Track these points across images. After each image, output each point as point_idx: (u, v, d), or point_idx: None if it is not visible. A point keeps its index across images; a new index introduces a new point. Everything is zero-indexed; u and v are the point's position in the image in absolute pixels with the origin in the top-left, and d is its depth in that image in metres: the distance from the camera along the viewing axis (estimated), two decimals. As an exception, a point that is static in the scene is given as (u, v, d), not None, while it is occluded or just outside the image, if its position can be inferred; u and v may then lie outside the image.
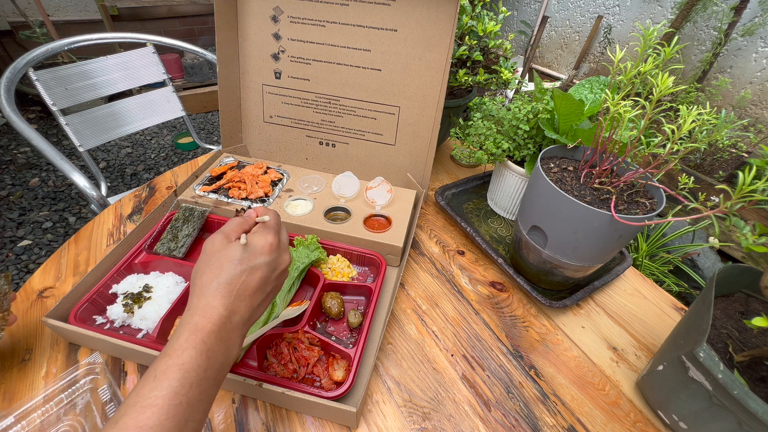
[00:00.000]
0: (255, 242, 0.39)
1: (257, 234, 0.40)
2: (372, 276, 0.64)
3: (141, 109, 1.20)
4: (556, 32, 2.89)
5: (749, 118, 1.98)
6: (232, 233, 0.40)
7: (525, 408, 0.50)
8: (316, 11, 0.69)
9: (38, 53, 0.98)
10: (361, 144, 0.77)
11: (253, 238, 0.39)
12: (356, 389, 0.48)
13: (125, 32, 1.11)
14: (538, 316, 0.62)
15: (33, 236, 1.62)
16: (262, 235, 0.40)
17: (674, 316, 0.64)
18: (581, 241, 0.52)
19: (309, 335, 0.51)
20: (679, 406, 0.45)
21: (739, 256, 1.61)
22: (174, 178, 0.84)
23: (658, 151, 0.47)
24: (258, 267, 0.38)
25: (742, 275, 0.48)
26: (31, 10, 2.30)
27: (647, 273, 1.26)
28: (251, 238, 0.39)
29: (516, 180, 0.70)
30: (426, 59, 0.68)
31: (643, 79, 0.48)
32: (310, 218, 0.67)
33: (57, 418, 0.43)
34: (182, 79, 2.67)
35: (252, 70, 0.76)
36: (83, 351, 0.51)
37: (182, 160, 2.19)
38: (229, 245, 0.38)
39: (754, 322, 0.37)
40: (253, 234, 0.40)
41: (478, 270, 0.69)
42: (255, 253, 0.38)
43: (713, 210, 0.39)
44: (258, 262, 0.38)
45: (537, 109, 0.65)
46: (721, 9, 1.92)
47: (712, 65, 2.02)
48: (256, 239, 0.39)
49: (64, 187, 1.89)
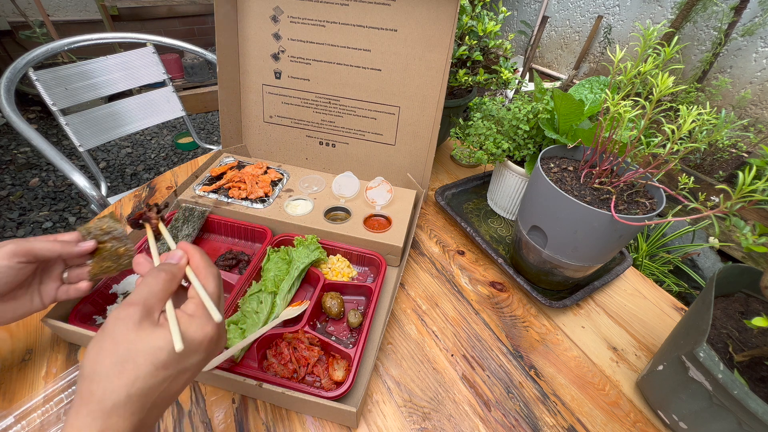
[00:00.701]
0: (190, 337, 0.28)
1: (193, 322, 0.29)
2: (372, 276, 0.64)
3: (141, 109, 1.20)
4: (556, 32, 2.89)
5: (749, 118, 1.98)
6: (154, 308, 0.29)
7: (525, 408, 0.50)
8: (316, 11, 0.69)
9: (38, 53, 0.98)
10: (361, 144, 0.77)
11: (188, 329, 0.29)
12: (356, 389, 0.48)
13: (125, 32, 1.11)
14: (538, 316, 0.62)
15: (33, 236, 1.62)
16: (201, 326, 0.29)
17: (674, 316, 0.64)
18: (581, 241, 0.52)
19: (309, 335, 0.51)
20: (679, 406, 0.45)
21: (739, 256, 1.61)
22: (174, 178, 0.84)
23: (658, 151, 0.47)
24: (188, 368, 0.29)
25: (742, 275, 0.48)
26: (31, 10, 2.30)
27: (647, 273, 1.26)
28: (185, 331, 0.28)
29: (516, 180, 0.70)
30: (426, 59, 0.68)
31: (643, 79, 0.48)
32: (310, 218, 0.67)
33: (57, 418, 0.43)
34: (182, 79, 2.67)
35: (252, 70, 0.76)
36: (83, 351, 0.51)
37: (182, 160, 2.19)
38: (150, 335, 0.27)
39: (754, 322, 0.37)
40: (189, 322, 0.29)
41: (478, 270, 0.69)
42: (187, 353, 0.28)
43: (713, 210, 0.39)
44: (189, 363, 0.28)
45: (537, 109, 0.65)
46: (721, 9, 1.92)
47: (712, 65, 2.02)
48: (191, 331, 0.29)
49: (64, 187, 1.89)
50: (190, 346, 0.28)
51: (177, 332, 0.28)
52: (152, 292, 0.29)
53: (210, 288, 0.32)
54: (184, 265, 0.33)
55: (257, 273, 0.59)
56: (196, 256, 0.34)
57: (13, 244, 0.39)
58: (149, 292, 0.29)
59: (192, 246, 0.35)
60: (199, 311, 0.30)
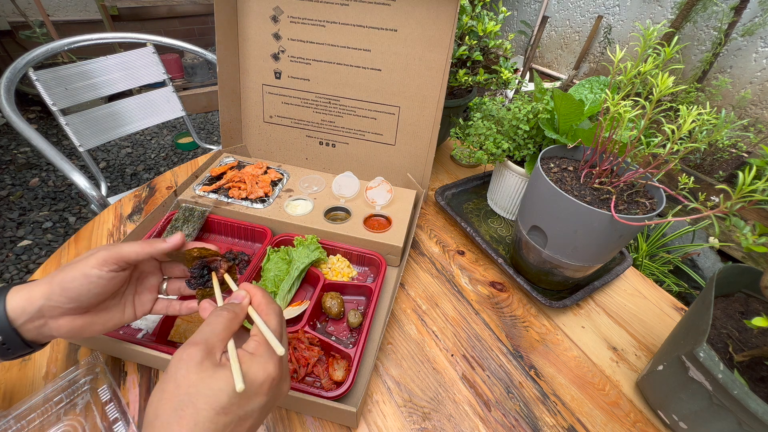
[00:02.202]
0: (252, 377, 0.27)
1: (255, 361, 0.28)
2: (372, 276, 0.64)
3: (141, 109, 1.20)
4: (556, 32, 2.89)
5: (749, 118, 1.98)
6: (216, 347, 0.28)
7: (525, 408, 0.50)
8: (316, 11, 0.69)
9: (38, 53, 0.98)
10: (361, 144, 0.77)
11: (250, 368, 0.28)
12: (356, 389, 0.48)
13: (125, 32, 1.12)
14: (538, 316, 0.62)
15: (33, 236, 1.62)
16: (262, 364, 0.28)
17: (674, 316, 0.64)
18: (581, 241, 0.52)
19: (309, 335, 0.51)
20: (679, 406, 0.45)
21: (739, 256, 1.61)
22: (174, 178, 0.84)
23: (658, 151, 0.47)
24: (250, 414, 0.27)
25: (742, 275, 0.48)
26: (31, 10, 2.30)
27: (647, 273, 1.26)
28: (247, 370, 0.27)
29: (516, 180, 0.70)
30: (426, 59, 0.68)
31: (643, 79, 0.48)
32: (310, 218, 0.67)
33: (57, 418, 0.43)
34: (182, 79, 2.67)
35: (252, 70, 0.76)
36: (83, 351, 0.51)
37: (182, 160, 2.19)
38: (211, 377, 0.26)
39: (754, 322, 0.37)
40: (251, 361, 0.28)
41: (478, 270, 0.69)
42: (249, 396, 0.27)
43: (713, 210, 0.39)
44: (250, 407, 0.27)
45: (537, 109, 0.65)
46: (721, 9, 1.92)
47: (712, 65, 2.02)
48: (253, 371, 0.28)
49: (64, 187, 1.89)
50: (252, 387, 0.27)
51: (238, 371, 0.27)
52: (214, 332, 0.29)
53: (272, 325, 0.32)
54: (246, 304, 0.33)
55: (257, 273, 0.59)
56: (258, 295, 0.34)
57: (104, 250, 0.36)
58: (211, 332, 0.29)
59: (254, 286, 0.34)
60: (260, 349, 0.29)
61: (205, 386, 0.26)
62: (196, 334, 0.29)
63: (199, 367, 0.26)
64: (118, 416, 0.44)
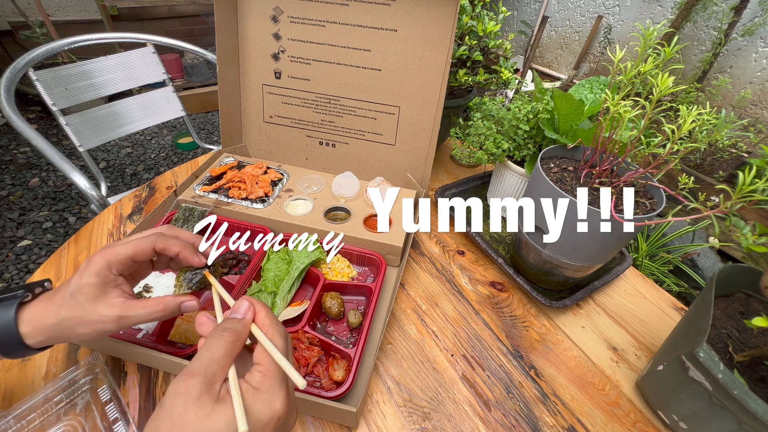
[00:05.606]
0: (256, 415, 0.25)
1: (260, 397, 0.26)
2: (372, 276, 0.64)
3: (141, 109, 1.20)
4: (556, 32, 2.89)
5: (749, 118, 1.98)
6: (216, 377, 0.25)
7: (525, 408, 0.50)
8: (316, 11, 0.69)
9: (38, 53, 0.98)
10: (361, 144, 0.77)
11: (254, 405, 0.25)
12: (356, 389, 0.48)
13: (125, 32, 1.12)
14: (538, 316, 0.62)
15: (33, 236, 1.62)
16: (268, 401, 0.26)
17: (674, 316, 0.64)
18: (581, 241, 0.52)
19: (309, 335, 0.51)
20: (679, 406, 0.45)
21: (739, 256, 1.61)
22: (174, 178, 0.84)
23: (658, 151, 0.47)
24: None
25: (742, 275, 0.48)
26: (31, 10, 2.30)
27: (647, 273, 1.26)
28: (250, 407, 0.25)
29: (516, 180, 0.70)
30: (426, 59, 0.68)
31: (643, 79, 0.48)
32: (310, 218, 0.67)
33: (57, 418, 0.43)
34: (182, 79, 2.67)
35: (252, 70, 0.76)
36: (83, 351, 0.51)
37: (182, 160, 2.19)
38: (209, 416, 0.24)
39: (754, 322, 0.37)
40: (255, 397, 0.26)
41: (478, 270, 0.69)
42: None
43: (713, 210, 0.39)
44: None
45: (537, 109, 0.65)
46: (721, 9, 1.92)
47: (712, 65, 2.02)
48: (258, 408, 0.25)
49: (64, 187, 1.89)
50: (255, 427, 0.24)
51: (241, 410, 0.24)
52: (214, 358, 0.26)
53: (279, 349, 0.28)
54: (249, 320, 0.29)
55: (257, 273, 0.59)
56: (262, 313, 0.30)
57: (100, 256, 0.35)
58: (211, 358, 0.26)
59: (256, 300, 0.31)
60: (266, 384, 0.26)
61: (203, 427, 0.23)
62: (195, 360, 0.26)
63: (197, 403, 0.24)
64: (118, 416, 0.44)
